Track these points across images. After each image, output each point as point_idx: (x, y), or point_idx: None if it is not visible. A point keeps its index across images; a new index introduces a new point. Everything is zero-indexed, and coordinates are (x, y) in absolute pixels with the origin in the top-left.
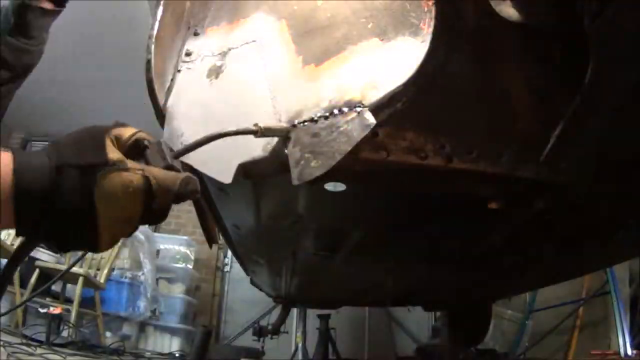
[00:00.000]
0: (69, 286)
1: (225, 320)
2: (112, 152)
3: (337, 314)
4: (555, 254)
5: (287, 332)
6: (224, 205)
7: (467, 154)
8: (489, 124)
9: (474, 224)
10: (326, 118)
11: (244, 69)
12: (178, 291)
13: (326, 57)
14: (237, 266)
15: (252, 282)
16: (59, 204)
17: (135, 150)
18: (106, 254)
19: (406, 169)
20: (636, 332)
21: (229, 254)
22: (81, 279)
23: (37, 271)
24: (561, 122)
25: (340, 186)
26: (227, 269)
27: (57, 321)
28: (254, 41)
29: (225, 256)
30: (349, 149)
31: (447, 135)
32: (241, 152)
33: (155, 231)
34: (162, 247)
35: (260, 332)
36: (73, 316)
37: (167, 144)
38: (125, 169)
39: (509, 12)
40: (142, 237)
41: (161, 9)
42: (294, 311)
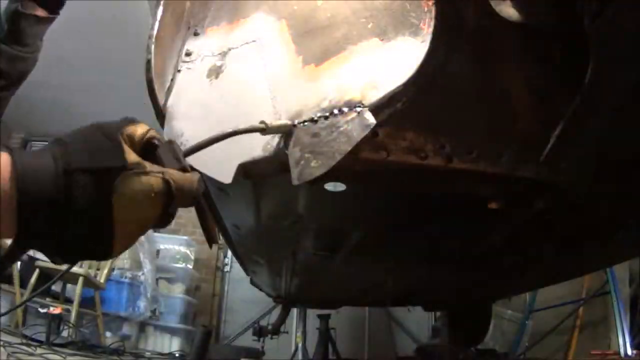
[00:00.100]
0: (69, 286)
1: (225, 320)
2: (129, 153)
3: (337, 314)
4: (555, 254)
5: (287, 332)
6: (224, 205)
7: (467, 154)
8: (489, 124)
9: (474, 224)
10: (326, 118)
11: (244, 69)
12: (178, 291)
13: (326, 57)
14: (237, 266)
15: (252, 282)
16: (69, 212)
17: (147, 149)
18: None
19: (406, 169)
20: (636, 332)
21: (229, 254)
22: (81, 279)
23: (37, 271)
24: (561, 122)
25: (340, 186)
26: (227, 269)
27: (57, 321)
28: (254, 41)
29: (225, 256)
30: (349, 149)
31: (447, 135)
32: (241, 152)
33: (155, 231)
34: (162, 247)
35: (260, 332)
36: (73, 316)
37: (176, 143)
38: (145, 172)
39: (509, 12)
40: (142, 237)
41: (161, 9)
42: (294, 311)
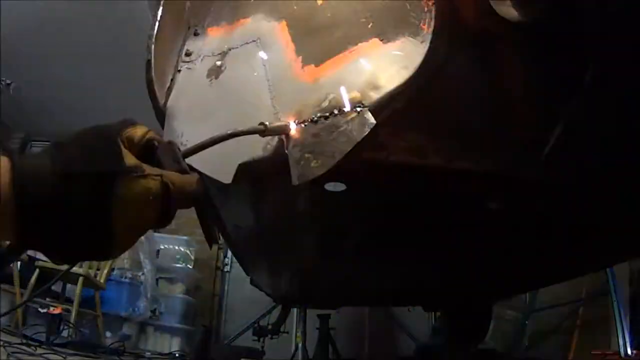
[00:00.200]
0: (69, 286)
1: (225, 320)
2: (127, 156)
3: (337, 314)
4: (555, 253)
5: (287, 332)
6: (224, 205)
7: (467, 154)
8: (489, 124)
9: (474, 224)
10: (326, 118)
11: (244, 69)
12: (178, 291)
13: (326, 57)
14: (237, 266)
15: (252, 282)
16: (68, 216)
17: (146, 151)
18: None
19: (406, 169)
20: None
21: (229, 254)
22: (81, 279)
23: (37, 271)
24: (561, 122)
25: (340, 186)
26: (227, 269)
27: (57, 321)
28: (254, 41)
29: (225, 256)
30: (349, 149)
31: (447, 135)
32: (241, 152)
33: (155, 231)
34: (162, 247)
35: (260, 332)
36: (73, 316)
37: (176, 144)
38: (144, 175)
39: (509, 12)
40: (142, 237)
41: (161, 9)
42: (294, 311)
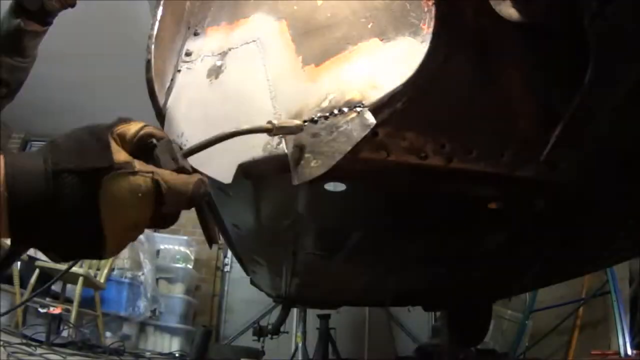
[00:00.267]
0: (69, 286)
1: (225, 320)
2: (118, 153)
3: (337, 314)
4: (555, 254)
5: (287, 332)
6: (224, 205)
7: (467, 154)
8: (488, 124)
9: (474, 224)
10: (326, 118)
11: (244, 69)
12: (178, 291)
13: (326, 57)
14: (237, 266)
15: (252, 282)
16: (58, 212)
17: (143, 148)
18: None
19: (406, 169)
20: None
21: (229, 254)
22: (81, 279)
23: (37, 271)
24: (561, 122)
25: (340, 186)
26: (227, 269)
27: (57, 321)
28: (254, 41)
29: (225, 256)
30: (349, 149)
31: (447, 135)
32: (241, 152)
33: (155, 231)
34: (162, 247)
35: (260, 332)
36: (73, 316)
37: (176, 142)
38: (133, 172)
39: (509, 12)
40: (142, 237)
41: (161, 9)
42: (294, 311)
